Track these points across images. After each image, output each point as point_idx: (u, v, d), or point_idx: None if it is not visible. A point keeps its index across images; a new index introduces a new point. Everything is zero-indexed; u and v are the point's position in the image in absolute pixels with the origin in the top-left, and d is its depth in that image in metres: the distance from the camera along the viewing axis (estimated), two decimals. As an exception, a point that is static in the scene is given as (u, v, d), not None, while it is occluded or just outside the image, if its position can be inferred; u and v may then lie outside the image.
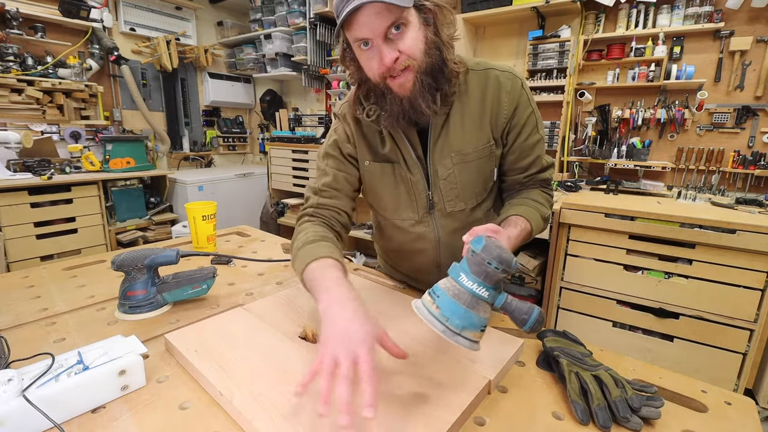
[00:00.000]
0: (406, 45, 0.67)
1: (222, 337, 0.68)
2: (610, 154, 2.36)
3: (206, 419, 0.52)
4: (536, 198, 0.85)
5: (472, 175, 0.85)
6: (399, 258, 1.05)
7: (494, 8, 2.50)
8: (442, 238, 0.91)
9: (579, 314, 2.03)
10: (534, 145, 0.85)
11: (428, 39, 0.70)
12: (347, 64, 0.78)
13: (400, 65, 0.69)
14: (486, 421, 0.54)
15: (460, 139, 0.82)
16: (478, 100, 0.81)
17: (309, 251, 0.72)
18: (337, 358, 0.48)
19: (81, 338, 0.72)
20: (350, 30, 0.68)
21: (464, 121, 0.82)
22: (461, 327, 0.51)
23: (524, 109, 0.82)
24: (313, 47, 3.46)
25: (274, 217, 3.67)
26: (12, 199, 2.49)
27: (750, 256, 1.61)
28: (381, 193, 0.91)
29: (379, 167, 0.87)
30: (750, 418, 0.56)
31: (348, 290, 0.61)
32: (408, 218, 0.91)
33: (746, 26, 2.06)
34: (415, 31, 0.68)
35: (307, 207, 0.89)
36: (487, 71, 0.82)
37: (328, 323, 0.54)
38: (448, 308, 0.52)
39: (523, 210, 0.80)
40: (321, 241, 0.76)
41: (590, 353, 0.65)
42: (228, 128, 4.30)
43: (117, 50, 3.14)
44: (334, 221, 0.87)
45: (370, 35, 0.66)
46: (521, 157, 0.86)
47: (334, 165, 0.90)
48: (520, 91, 0.81)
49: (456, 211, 0.87)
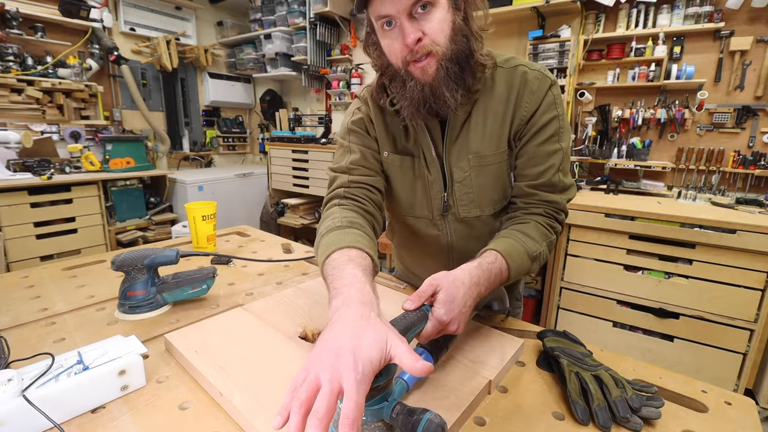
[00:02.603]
0: (431, 27, 0.63)
1: (222, 337, 0.67)
2: (611, 154, 2.36)
3: (206, 419, 0.52)
4: (528, 231, 0.72)
5: (489, 180, 0.78)
6: (411, 261, 1.03)
7: (494, 8, 2.49)
8: (454, 243, 0.86)
9: (579, 314, 2.03)
10: (549, 155, 0.74)
11: (456, 24, 0.65)
12: (369, 49, 0.74)
13: (422, 49, 0.64)
14: (486, 421, 0.54)
15: (479, 140, 0.76)
16: (503, 100, 0.74)
17: (332, 239, 0.64)
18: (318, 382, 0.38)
19: (81, 338, 0.72)
20: (374, 5, 0.63)
21: (486, 120, 0.75)
22: None
23: (546, 111, 0.73)
24: (313, 47, 3.46)
25: (274, 217, 3.67)
26: (12, 199, 2.49)
27: (750, 256, 1.61)
28: (397, 187, 0.85)
29: (399, 159, 0.82)
30: (750, 418, 0.56)
31: (360, 290, 0.50)
32: (423, 216, 0.85)
33: (746, 26, 2.06)
34: (442, 13, 0.63)
35: (336, 188, 0.79)
36: (515, 68, 0.75)
37: (324, 334, 0.44)
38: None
39: (505, 245, 0.68)
40: (348, 227, 0.67)
41: (590, 353, 0.65)
42: (228, 128, 4.31)
43: (117, 50, 3.14)
44: (367, 201, 0.78)
45: (393, 11, 0.61)
46: (531, 163, 0.76)
47: (359, 141, 0.82)
48: (546, 92, 0.73)
49: (471, 217, 0.81)
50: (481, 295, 0.62)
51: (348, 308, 0.47)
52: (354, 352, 0.39)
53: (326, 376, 0.37)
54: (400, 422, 0.42)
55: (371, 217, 0.77)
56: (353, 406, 0.35)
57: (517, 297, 1.01)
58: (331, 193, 0.80)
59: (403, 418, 0.41)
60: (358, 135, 0.83)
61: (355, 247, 0.61)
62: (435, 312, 0.54)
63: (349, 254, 0.60)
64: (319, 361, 0.39)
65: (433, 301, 0.56)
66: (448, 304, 0.55)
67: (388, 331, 0.43)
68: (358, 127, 0.83)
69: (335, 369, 0.38)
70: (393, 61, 0.69)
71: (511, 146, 0.77)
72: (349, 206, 0.75)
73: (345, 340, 0.41)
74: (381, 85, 0.78)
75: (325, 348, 0.41)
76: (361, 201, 0.77)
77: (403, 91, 0.70)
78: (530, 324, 0.80)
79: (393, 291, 0.92)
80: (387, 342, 0.42)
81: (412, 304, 0.54)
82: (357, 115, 0.84)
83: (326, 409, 0.36)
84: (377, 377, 0.42)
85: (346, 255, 0.59)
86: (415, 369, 0.39)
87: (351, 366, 0.38)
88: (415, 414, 0.41)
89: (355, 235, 0.66)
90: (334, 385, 0.37)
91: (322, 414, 0.35)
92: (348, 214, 0.72)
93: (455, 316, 0.55)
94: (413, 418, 0.41)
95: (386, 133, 0.82)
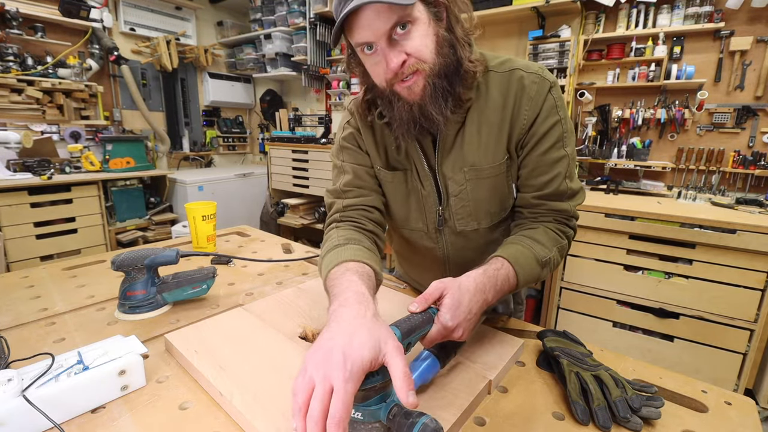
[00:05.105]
0: (413, 46, 0.60)
1: (222, 337, 0.67)
2: (610, 154, 2.36)
3: (206, 419, 0.52)
4: (537, 237, 0.70)
5: (487, 193, 0.75)
6: (409, 268, 1.02)
7: (494, 8, 2.50)
8: (451, 256, 0.84)
9: (579, 314, 2.03)
10: (555, 162, 0.71)
11: (440, 36, 0.62)
12: (353, 69, 0.71)
13: (408, 69, 0.61)
14: (486, 421, 0.54)
15: (475, 152, 0.72)
16: (498, 108, 0.70)
17: (331, 257, 0.64)
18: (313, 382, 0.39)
19: (81, 338, 0.72)
20: (351, 34, 0.62)
21: (481, 131, 0.72)
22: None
23: (548, 117, 0.70)
24: (313, 47, 3.46)
25: (274, 217, 3.67)
26: (12, 199, 2.49)
27: (750, 256, 1.61)
28: (391, 201, 0.84)
29: (390, 175, 0.80)
30: (750, 418, 0.56)
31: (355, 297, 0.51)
32: (418, 229, 0.84)
33: (746, 26, 2.06)
34: (423, 28, 0.60)
35: (333, 214, 0.80)
36: (511, 72, 0.70)
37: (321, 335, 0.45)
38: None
39: (512, 251, 0.66)
40: (347, 244, 0.67)
41: (590, 353, 0.65)
42: (228, 128, 4.31)
43: (117, 50, 3.14)
44: (365, 221, 0.77)
45: (372, 38, 0.60)
46: (535, 173, 0.72)
47: (351, 159, 0.81)
48: (545, 96, 0.69)
49: (468, 230, 0.79)
50: (489, 302, 0.60)
51: (344, 309, 0.48)
52: (344, 350, 0.40)
53: (318, 377, 0.38)
54: (396, 424, 0.41)
55: (372, 234, 0.76)
56: (340, 406, 0.36)
57: (519, 301, 1.01)
58: (329, 218, 0.80)
59: (399, 421, 0.41)
60: (349, 152, 0.82)
61: (352, 260, 0.62)
62: (440, 317, 0.54)
63: (347, 266, 0.61)
64: (313, 361, 0.40)
65: (440, 305, 0.55)
66: (454, 310, 0.54)
67: (383, 332, 0.43)
68: (350, 143, 0.82)
69: (326, 368, 0.39)
70: (378, 82, 0.67)
71: (513, 156, 0.74)
72: (347, 227, 0.76)
73: (338, 339, 0.42)
74: (366, 101, 0.76)
75: (319, 348, 0.42)
76: (358, 221, 0.77)
77: (392, 111, 0.69)
78: (530, 324, 0.80)
79: (393, 291, 0.92)
80: (382, 343, 0.42)
81: (418, 307, 0.54)
82: (347, 130, 0.82)
83: (320, 410, 0.36)
84: (373, 377, 0.42)
85: (344, 267, 0.61)
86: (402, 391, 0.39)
87: (340, 365, 0.38)
88: (411, 417, 0.41)
89: (353, 249, 0.66)
90: (326, 385, 0.37)
91: (317, 416, 0.36)
92: (345, 233, 0.72)
93: (460, 322, 0.54)
94: (409, 421, 0.41)
95: (376, 146, 0.80)
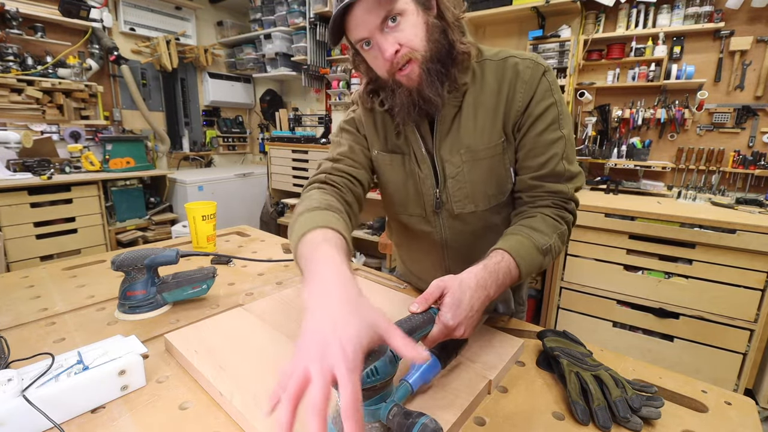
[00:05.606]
0: (404, 36, 0.66)
1: (222, 337, 0.67)
2: (610, 154, 2.36)
3: (206, 419, 0.52)
4: (535, 225, 0.71)
5: (483, 175, 0.78)
6: (409, 259, 1.03)
7: (494, 8, 2.50)
8: (448, 240, 0.86)
9: (579, 314, 2.04)
10: (551, 143, 0.73)
11: (429, 24, 0.67)
12: (359, 66, 0.77)
13: (402, 58, 0.67)
14: (486, 421, 0.54)
15: (471, 135, 0.76)
16: (494, 92, 0.74)
17: (307, 219, 0.62)
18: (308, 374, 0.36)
19: (81, 338, 0.72)
20: (350, 33, 0.69)
21: (477, 114, 0.75)
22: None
23: (543, 99, 0.73)
24: (313, 47, 3.46)
25: (274, 217, 3.67)
26: (12, 199, 2.49)
27: (750, 256, 1.61)
28: (389, 186, 0.87)
29: (389, 158, 0.84)
30: (750, 418, 0.56)
31: (338, 271, 0.48)
32: (415, 213, 0.86)
33: (746, 26, 2.06)
34: (413, 18, 0.66)
35: (319, 173, 0.81)
36: (506, 60, 0.75)
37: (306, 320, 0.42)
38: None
39: (512, 243, 0.66)
40: (325, 210, 0.66)
41: (590, 353, 0.65)
42: (228, 128, 4.30)
43: (117, 50, 3.14)
44: (346, 190, 0.78)
45: (366, 34, 0.66)
46: (532, 154, 0.75)
47: (349, 138, 0.86)
48: (539, 79, 0.73)
49: (465, 213, 0.81)
50: (491, 297, 0.60)
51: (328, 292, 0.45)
52: (341, 340, 0.38)
53: (316, 369, 0.36)
54: (396, 424, 0.41)
55: (348, 207, 0.75)
56: (351, 395, 0.35)
57: (520, 302, 1.01)
58: (314, 177, 0.80)
59: (398, 420, 0.41)
60: (349, 132, 0.88)
61: (331, 228, 0.59)
62: (441, 316, 0.53)
63: (325, 234, 0.57)
64: (307, 353, 0.38)
65: (440, 304, 0.55)
66: (454, 309, 0.54)
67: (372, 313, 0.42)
68: (350, 126, 0.88)
69: (325, 360, 0.37)
70: (380, 74, 0.73)
71: (510, 139, 0.76)
72: (329, 191, 0.75)
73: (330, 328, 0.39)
74: (369, 92, 0.82)
75: (312, 339, 0.39)
76: (341, 189, 0.78)
77: (394, 98, 0.74)
78: (530, 324, 0.80)
79: (393, 291, 0.92)
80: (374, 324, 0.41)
81: (419, 307, 0.53)
82: (350, 116, 0.89)
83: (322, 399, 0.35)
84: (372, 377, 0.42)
85: (321, 235, 0.57)
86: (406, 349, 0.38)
87: (341, 356, 0.37)
88: (411, 417, 0.41)
89: (333, 216, 0.64)
90: (326, 377, 0.36)
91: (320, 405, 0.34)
92: (327, 198, 0.71)
93: (462, 320, 0.54)
94: (408, 421, 0.40)
95: (375, 131, 0.85)
